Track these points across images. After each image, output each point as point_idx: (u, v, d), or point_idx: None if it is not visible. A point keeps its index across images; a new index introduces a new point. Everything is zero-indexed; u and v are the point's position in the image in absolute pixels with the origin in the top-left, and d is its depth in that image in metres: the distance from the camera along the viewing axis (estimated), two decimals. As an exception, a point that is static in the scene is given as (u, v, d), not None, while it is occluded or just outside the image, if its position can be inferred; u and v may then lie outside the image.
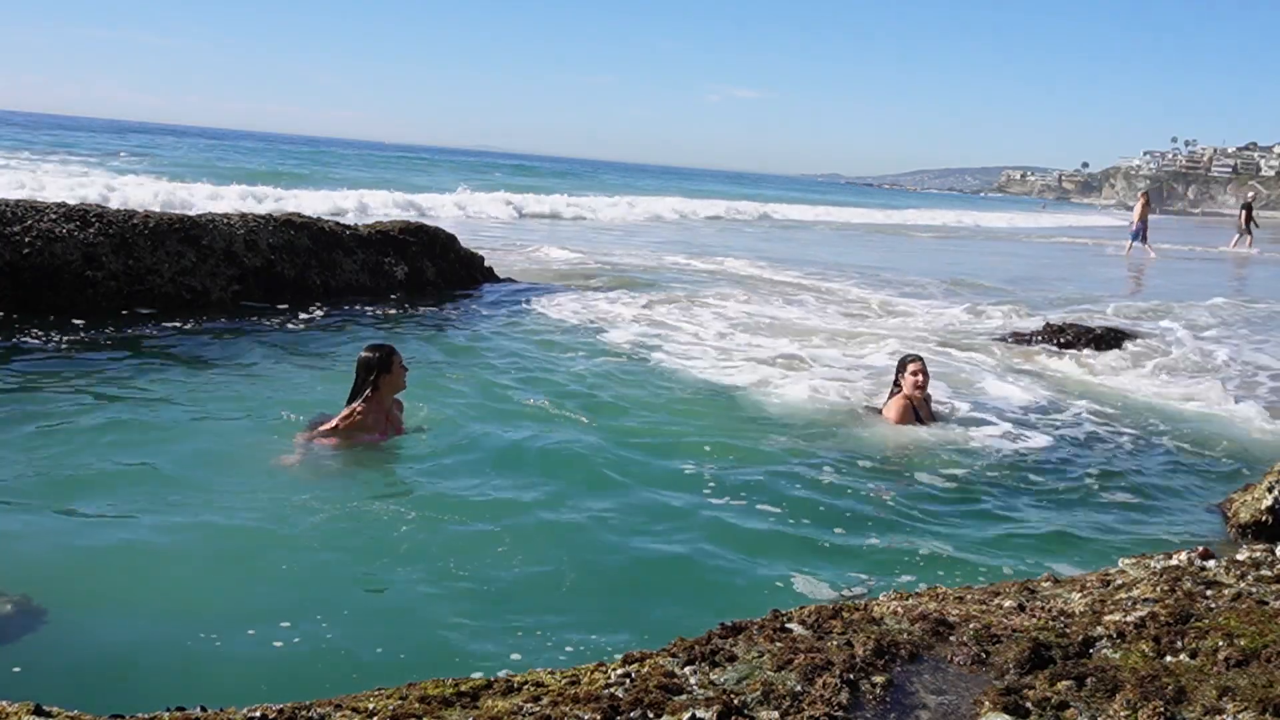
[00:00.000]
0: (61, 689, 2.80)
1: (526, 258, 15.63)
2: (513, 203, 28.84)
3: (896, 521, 4.71)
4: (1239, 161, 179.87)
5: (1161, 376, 8.76)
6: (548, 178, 56.62)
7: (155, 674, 3.00)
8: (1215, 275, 22.55)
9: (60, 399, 5.63)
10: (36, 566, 3.58)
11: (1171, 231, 43.92)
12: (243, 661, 3.09)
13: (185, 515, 4.16)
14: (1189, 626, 2.35)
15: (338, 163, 52.33)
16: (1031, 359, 9.37)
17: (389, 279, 10.54)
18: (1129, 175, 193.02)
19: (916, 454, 5.84)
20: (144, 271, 8.59)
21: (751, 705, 1.96)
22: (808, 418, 6.54)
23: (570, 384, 7.00)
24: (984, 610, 2.54)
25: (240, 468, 4.79)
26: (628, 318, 10.22)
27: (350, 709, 1.99)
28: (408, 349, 7.91)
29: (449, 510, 4.41)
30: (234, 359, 7.05)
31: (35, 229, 8.17)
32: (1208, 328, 11.98)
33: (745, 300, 12.23)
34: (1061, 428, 6.67)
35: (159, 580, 3.58)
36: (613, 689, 2.04)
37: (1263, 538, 4.56)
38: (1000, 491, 5.26)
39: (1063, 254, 29.10)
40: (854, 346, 9.45)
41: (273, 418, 5.63)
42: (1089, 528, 4.83)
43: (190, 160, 39.97)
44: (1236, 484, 5.38)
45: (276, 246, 9.68)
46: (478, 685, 2.09)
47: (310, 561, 3.82)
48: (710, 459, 5.43)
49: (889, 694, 2.04)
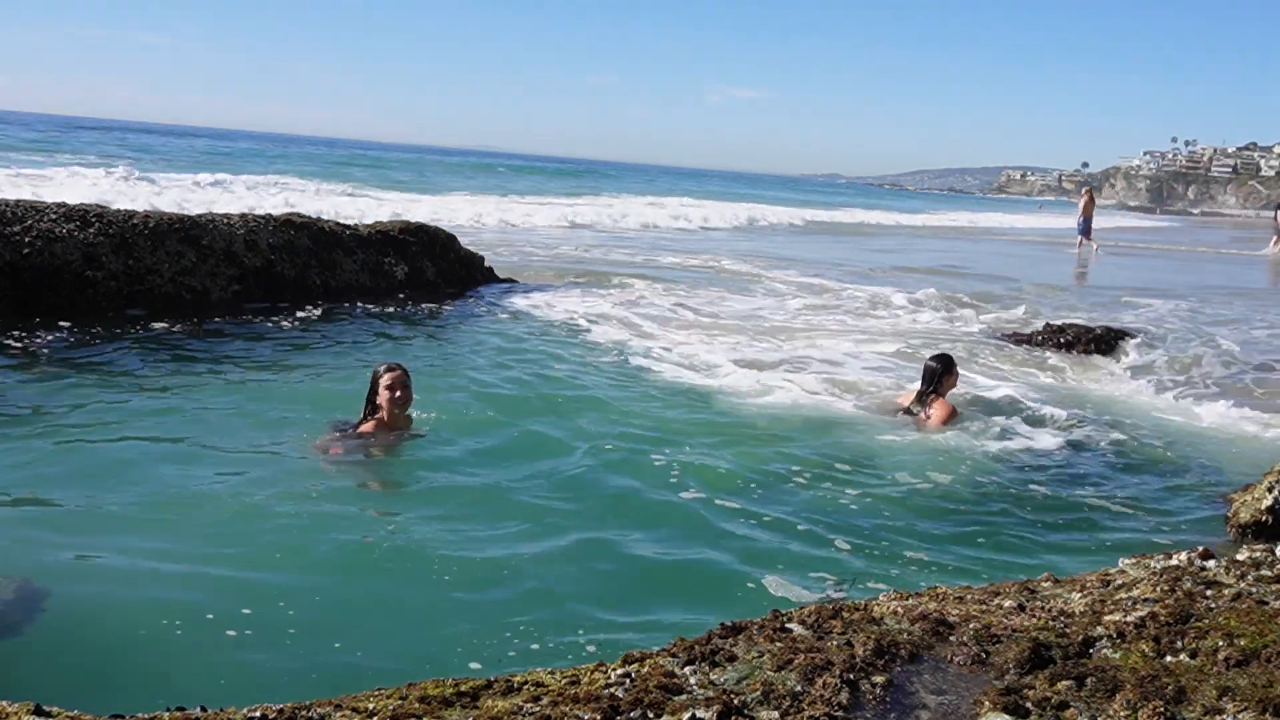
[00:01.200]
0: (61, 689, 2.80)
1: (528, 259, 15.63)
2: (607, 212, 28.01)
3: (896, 521, 4.71)
4: (1239, 161, 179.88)
5: (1161, 376, 8.76)
6: (598, 178, 54.69)
7: (155, 674, 3.00)
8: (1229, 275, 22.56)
9: (60, 399, 5.63)
10: (36, 566, 3.57)
11: (1178, 232, 43.71)
12: (243, 661, 3.09)
13: (185, 515, 4.16)
14: (1189, 626, 2.35)
15: (393, 167, 50.22)
16: (1030, 358, 9.37)
17: (389, 279, 10.54)
18: (1129, 175, 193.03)
19: (916, 454, 5.84)
20: (144, 271, 8.60)
21: (751, 705, 1.96)
22: (809, 417, 6.54)
23: (570, 384, 7.00)
24: (984, 610, 2.54)
25: (240, 467, 4.79)
26: (629, 318, 10.22)
27: (350, 709, 1.99)
28: (407, 349, 7.92)
29: (448, 511, 4.42)
30: (234, 359, 7.05)
31: (35, 229, 8.17)
32: (1208, 326, 11.98)
33: (741, 296, 12.23)
34: (1060, 428, 6.67)
35: (159, 580, 3.58)
36: (613, 689, 2.04)
37: (1263, 538, 4.56)
38: (999, 491, 5.25)
39: (1019, 249, 29.21)
40: (820, 338, 9.46)
41: (272, 418, 5.63)
42: (1089, 528, 4.83)
43: (307, 169, 37.82)
44: (1236, 484, 5.38)
45: (276, 246, 9.68)
46: (478, 685, 2.09)
47: (310, 561, 3.82)
48: (710, 459, 5.42)
49: (889, 694, 2.04)
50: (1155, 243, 37.11)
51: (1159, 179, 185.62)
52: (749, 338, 9.49)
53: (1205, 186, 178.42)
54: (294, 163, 44.39)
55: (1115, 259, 25.60)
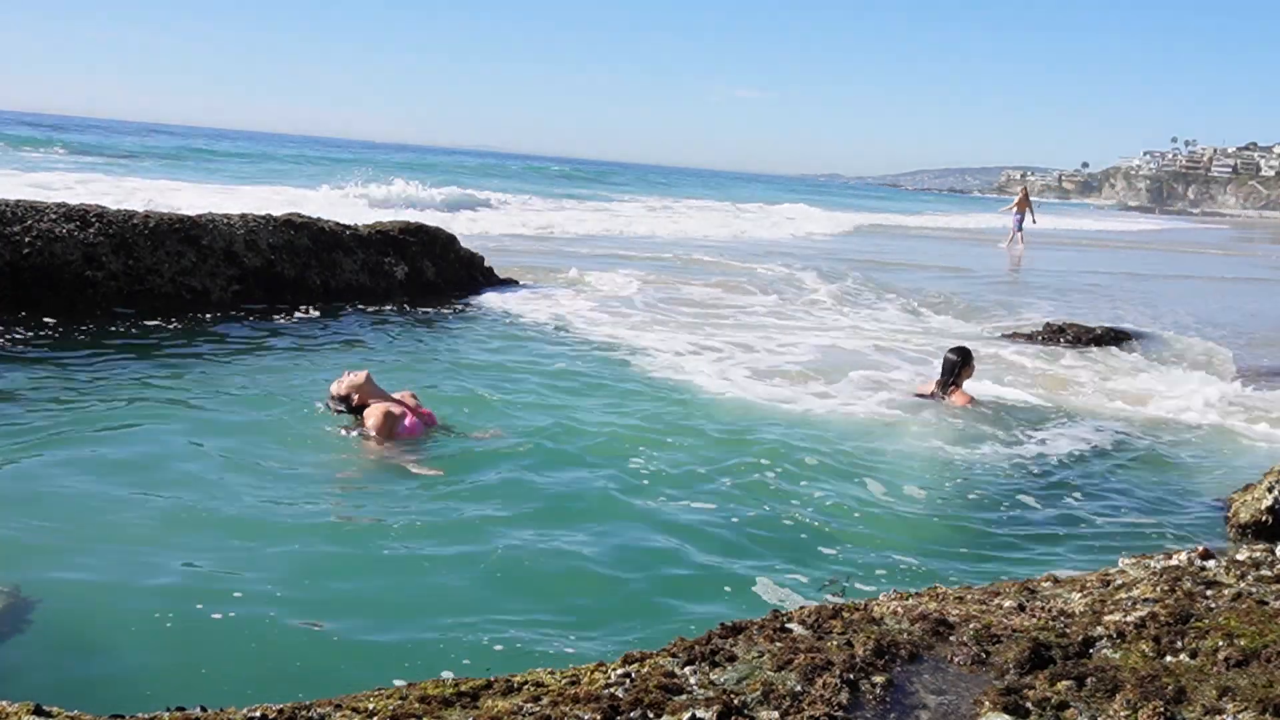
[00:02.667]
0: (61, 689, 2.80)
1: (530, 258, 15.62)
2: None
3: (896, 521, 4.71)
4: (1239, 161, 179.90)
5: (1161, 376, 8.76)
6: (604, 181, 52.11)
7: (155, 674, 3.00)
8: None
9: (59, 399, 5.63)
10: (36, 566, 3.57)
11: (1186, 231, 43.11)
12: (243, 661, 3.09)
13: (185, 515, 4.16)
14: (1189, 626, 2.35)
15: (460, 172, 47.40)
16: (1029, 358, 9.36)
17: (389, 279, 10.54)
18: (1129, 175, 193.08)
19: (916, 453, 5.84)
20: (144, 271, 8.59)
21: (751, 705, 1.96)
22: (810, 417, 6.54)
23: (568, 384, 7.00)
24: (984, 610, 2.54)
25: (240, 467, 4.79)
26: (630, 319, 10.22)
27: (350, 709, 1.99)
28: (407, 350, 7.93)
29: (446, 510, 4.41)
30: (233, 359, 7.06)
31: (35, 229, 8.17)
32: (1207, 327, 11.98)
33: (732, 291, 12.23)
34: (1060, 427, 6.67)
35: (159, 580, 3.58)
36: (613, 689, 2.04)
37: (1263, 538, 4.56)
38: (998, 491, 5.25)
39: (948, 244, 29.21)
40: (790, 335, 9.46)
41: (271, 418, 5.63)
42: (1089, 528, 4.83)
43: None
44: (1236, 484, 5.38)
45: (276, 246, 9.68)
46: (478, 685, 2.09)
47: (310, 562, 3.82)
48: (710, 459, 5.42)
49: (889, 694, 2.04)
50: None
51: (1159, 179, 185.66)
52: (751, 334, 9.50)
53: (1205, 186, 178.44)
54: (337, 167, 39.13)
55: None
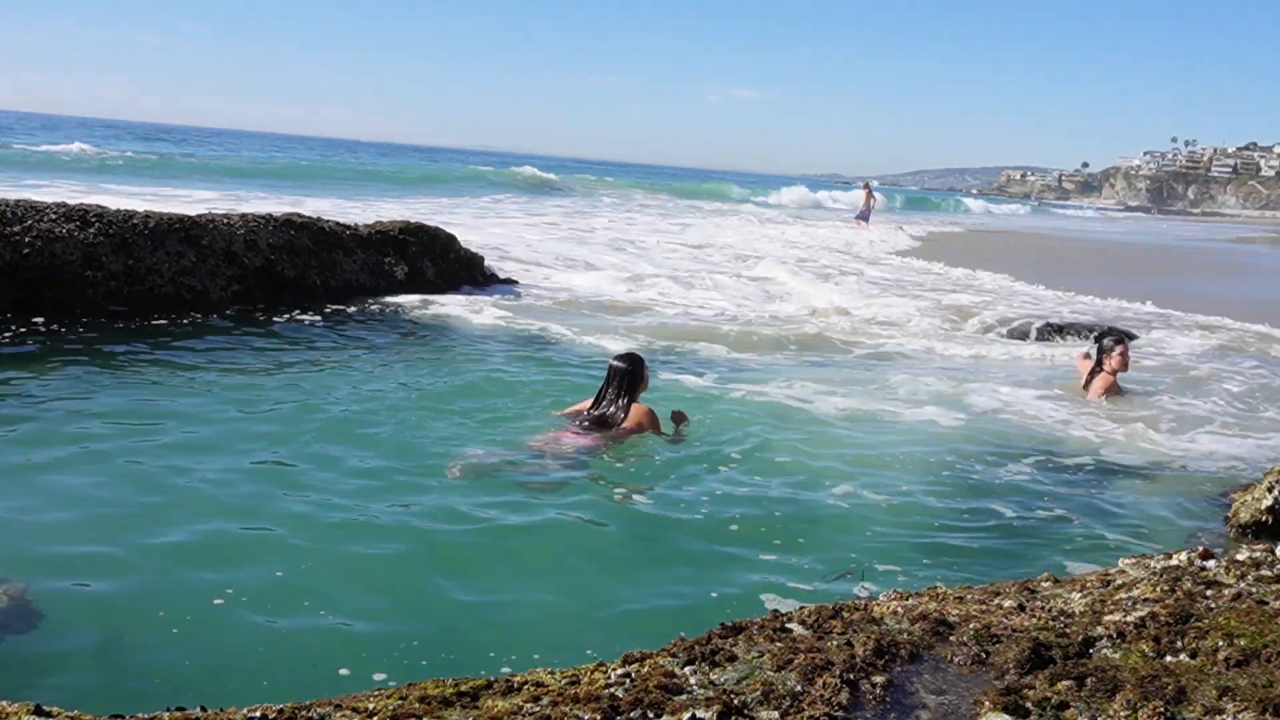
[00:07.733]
0: (61, 689, 2.80)
1: (530, 259, 15.62)
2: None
3: (895, 520, 4.71)
4: (1239, 161, 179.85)
5: (1160, 376, 8.76)
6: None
7: (155, 674, 3.00)
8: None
9: (59, 399, 5.63)
10: (36, 566, 3.57)
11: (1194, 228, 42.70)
12: (243, 661, 3.09)
13: (185, 515, 4.16)
14: (1189, 626, 2.35)
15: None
16: (1028, 357, 9.36)
17: (389, 279, 10.54)
18: (1129, 175, 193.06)
19: (915, 452, 5.84)
20: (144, 271, 8.59)
21: (751, 705, 1.96)
22: (810, 417, 6.54)
23: (568, 384, 6.99)
24: (984, 610, 2.54)
25: (239, 467, 4.79)
26: (631, 319, 10.22)
27: (350, 709, 1.99)
28: (406, 349, 7.93)
29: (445, 510, 4.41)
30: (233, 359, 7.05)
31: (35, 229, 8.16)
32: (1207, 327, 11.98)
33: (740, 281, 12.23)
34: (1060, 426, 6.67)
35: (159, 579, 3.58)
36: (613, 689, 2.04)
37: (1263, 538, 4.56)
38: (998, 490, 5.25)
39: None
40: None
41: (271, 417, 5.63)
42: (1089, 528, 4.82)
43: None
44: (1236, 484, 5.38)
45: (276, 246, 9.68)
46: (478, 685, 2.09)
47: (309, 561, 3.82)
48: (709, 459, 5.42)
49: (889, 694, 2.04)
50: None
51: (1159, 179, 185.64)
52: (742, 334, 9.50)
53: (1205, 186, 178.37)
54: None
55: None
